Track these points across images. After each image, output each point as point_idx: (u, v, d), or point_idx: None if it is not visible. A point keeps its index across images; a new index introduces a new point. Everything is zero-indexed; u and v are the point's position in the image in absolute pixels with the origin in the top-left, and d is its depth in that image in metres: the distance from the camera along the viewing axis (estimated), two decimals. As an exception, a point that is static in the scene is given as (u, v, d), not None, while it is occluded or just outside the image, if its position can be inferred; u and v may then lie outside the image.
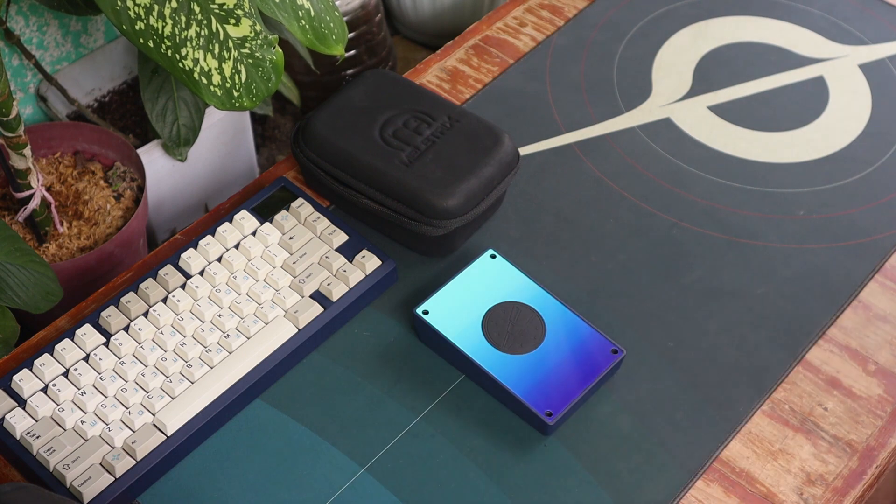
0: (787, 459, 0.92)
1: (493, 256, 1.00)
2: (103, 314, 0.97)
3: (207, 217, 1.09)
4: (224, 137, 1.39)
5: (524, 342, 0.95)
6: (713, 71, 1.22)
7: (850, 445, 0.93)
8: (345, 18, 1.52)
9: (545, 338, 0.95)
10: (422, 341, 0.98)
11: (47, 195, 1.16)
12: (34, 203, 1.15)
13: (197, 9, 0.92)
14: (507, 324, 0.96)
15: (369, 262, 1.01)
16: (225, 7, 0.93)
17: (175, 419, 0.91)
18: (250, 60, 0.95)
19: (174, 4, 0.91)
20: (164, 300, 0.98)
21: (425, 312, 0.96)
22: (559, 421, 0.91)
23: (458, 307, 0.97)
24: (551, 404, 0.91)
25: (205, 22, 0.93)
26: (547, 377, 0.93)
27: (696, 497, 0.90)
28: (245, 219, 1.03)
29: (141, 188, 1.27)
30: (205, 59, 0.94)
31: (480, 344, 0.95)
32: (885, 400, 0.96)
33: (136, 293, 0.98)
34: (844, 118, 1.17)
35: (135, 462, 0.89)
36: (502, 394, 0.93)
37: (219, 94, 0.95)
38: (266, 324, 0.97)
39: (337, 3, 1.51)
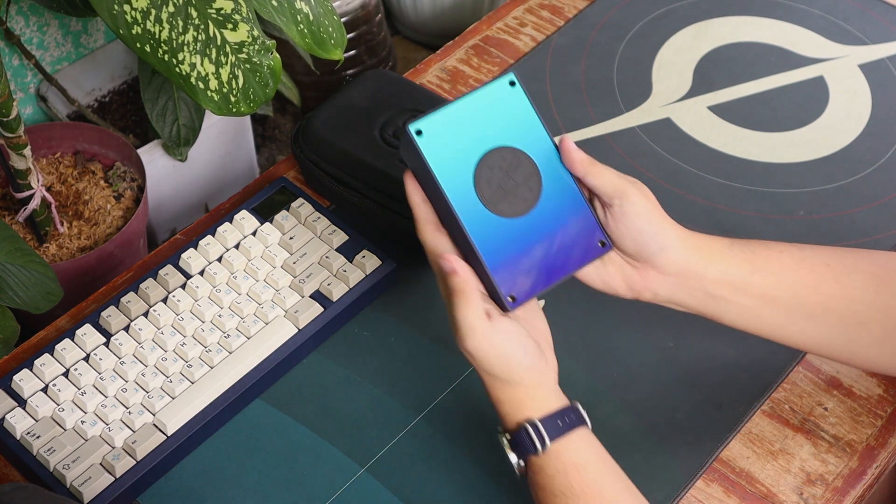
0: (787, 459, 0.92)
1: (512, 84, 0.83)
2: (103, 314, 0.97)
3: (207, 217, 1.09)
4: (224, 137, 1.39)
5: (512, 202, 0.81)
6: (713, 71, 1.22)
7: (850, 445, 0.93)
8: (344, 19, 1.52)
9: (536, 205, 0.82)
10: (400, 161, 0.89)
11: (47, 195, 1.16)
12: (34, 203, 1.15)
13: (194, 13, 0.92)
14: (500, 173, 0.81)
15: (369, 262, 1.01)
16: (222, 12, 0.93)
17: (175, 419, 0.91)
18: (248, 66, 0.95)
19: (171, 9, 0.91)
20: (165, 300, 0.98)
21: (419, 132, 0.80)
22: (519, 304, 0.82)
23: (456, 136, 0.81)
24: (517, 287, 0.81)
25: (202, 27, 0.92)
26: (522, 252, 0.81)
27: (696, 497, 0.90)
28: (245, 219, 1.03)
29: (141, 188, 1.27)
30: (202, 64, 0.93)
31: (466, 191, 0.80)
32: (885, 400, 0.96)
33: (136, 293, 0.98)
34: (844, 118, 1.17)
35: (135, 462, 0.89)
36: (470, 255, 0.81)
37: (216, 99, 0.95)
38: (266, 324, 0.97)
39: (337, 3, 1.51)
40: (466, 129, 0.81)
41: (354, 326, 1.00)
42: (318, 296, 0.99)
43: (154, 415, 0.91)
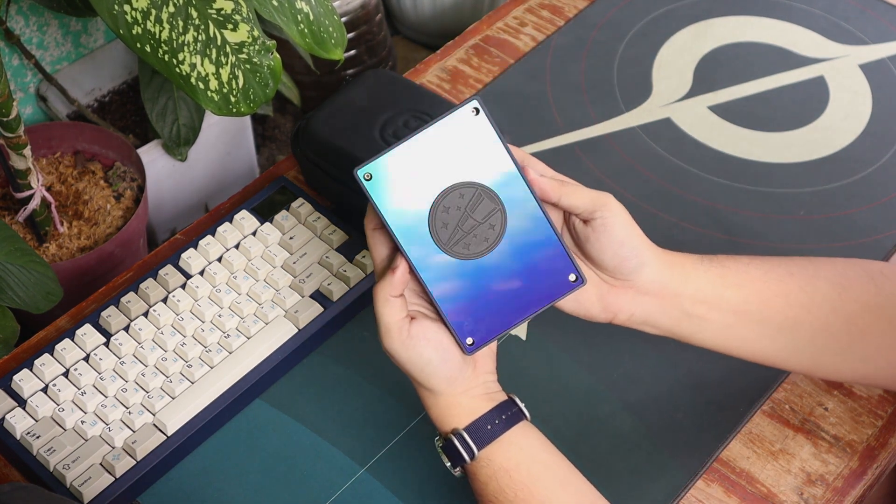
0: (787, 459, 0.92)
1: (476, 111, 0.76)
2: (103, 314, 0.97)
3: (207, 217, 1.09)
4: (224, 137, 1.39)
5: (470, 243, 0.77)
6: (713, 71, 1.22)
7: (850, 446, 0.93)
8: (344, 19, 1.52)
9: (498, 244, 0.77)
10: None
11: (47, 195, 1.16)
12: (34, 203, 1.15)
13: (194, 13, 0.92)
14: (458, 213, 0.77)
15: (369, 262, 1.00)
16: (223, 12, 0.93)
17: (175, 419, 0.91)
18: (248, 66, 0.95)
19: (171, 9, 0.91)
20: (165, 300, 0.98)
21: (368, 177, 0.75)
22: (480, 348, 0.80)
23: (410, 177, 0.76)
24: (477, 330, 0.78)
25: (202, 27, 0.92)
26: (482, 294, 0.78)
27: (696, 497, 0.90)
28: (245, 219, 1.03)
29: (141, 188, 1.27)
30: (202, 65, 0.93)
31: (421, 235, 0.77)
32: (886, 400, 0.96)
33: (136, 293, 0.98)
34: (844, 118, 1.17)
35: (135, 462, 0.89)
36: (429, 299, 0.79)
37: (216, 99, 0.95)
38: (266, 324, 0.97)
39: (337, 2, 1.51)
40: (422, 167, 0.76)
41: (354, 326, 1.00)
42: (318, 296, 0.99)
43: (154, 415, 0.91)
